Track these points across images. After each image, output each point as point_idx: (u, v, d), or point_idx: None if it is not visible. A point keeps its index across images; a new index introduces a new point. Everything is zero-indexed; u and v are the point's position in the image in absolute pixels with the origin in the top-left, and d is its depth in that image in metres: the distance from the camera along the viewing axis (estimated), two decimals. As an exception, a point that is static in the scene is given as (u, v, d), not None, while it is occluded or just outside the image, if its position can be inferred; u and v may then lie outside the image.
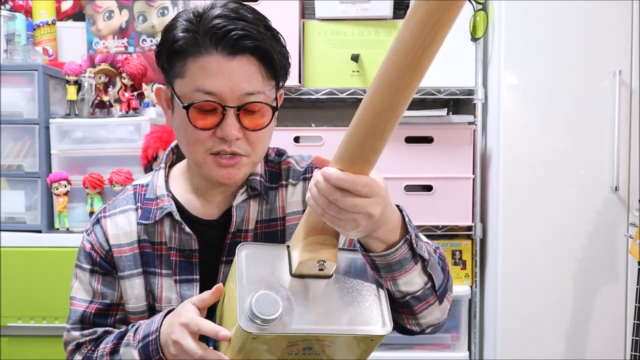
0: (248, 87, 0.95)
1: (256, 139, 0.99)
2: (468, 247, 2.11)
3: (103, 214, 1.10)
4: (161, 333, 0.95)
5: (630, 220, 1.90)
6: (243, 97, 0.95)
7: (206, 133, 0.96)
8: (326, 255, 0.83)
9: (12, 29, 2.24)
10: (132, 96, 2.10)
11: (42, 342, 1.98)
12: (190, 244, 1.04)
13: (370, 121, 0.72)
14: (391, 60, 0.69)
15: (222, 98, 0.94)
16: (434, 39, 0.66)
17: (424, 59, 0.67)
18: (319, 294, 0.84)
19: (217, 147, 0.97)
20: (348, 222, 0.78)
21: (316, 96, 2.04)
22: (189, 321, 0.90)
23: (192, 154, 1.00)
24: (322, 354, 0.84)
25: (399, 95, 0.70)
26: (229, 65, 0.94)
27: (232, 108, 0.95)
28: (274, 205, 1.07)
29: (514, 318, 1.95)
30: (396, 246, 0.84)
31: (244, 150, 0.98)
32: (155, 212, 1.05)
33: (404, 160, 2.03)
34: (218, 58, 0.94)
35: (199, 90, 0.94)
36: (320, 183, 0.77)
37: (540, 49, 1.91)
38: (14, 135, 2.06)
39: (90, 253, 1.08)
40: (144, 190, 1.09)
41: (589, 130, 1.91)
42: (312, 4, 2.10)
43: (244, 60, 0.94)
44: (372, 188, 0.76)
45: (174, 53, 0.96)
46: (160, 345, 0.94)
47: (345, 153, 0.75)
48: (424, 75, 0.69)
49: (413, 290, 0.88)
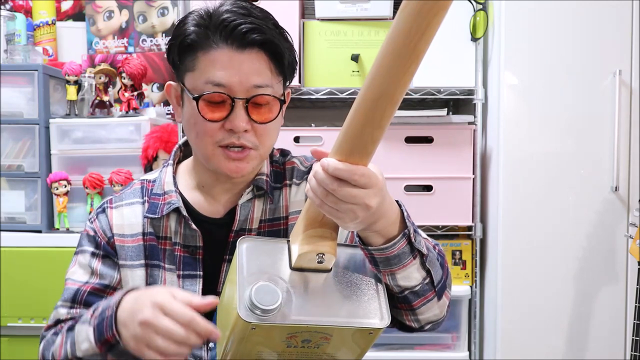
0: (257, 79, 0.97)
1: (264, 132, 1.00)
2: (468, 247, 2.11)
3: (109, 205, 1.10)
4: (121, 308, 0.89)
5: (630, 220, 1.90)
6: (252, 89, 0.97)
7: (215, 125, 0.98)
8: (325, 248, 0.84)
9: (12, 29, 2.24)
10: (132, 96, 2.10)
11: (42, 342, 1.98)
12: (195, 240, 1.04)
13: (368, 109, 0.73)
14: (388, 47, 0.69)
15: (231, 90, 0.96)
16: (429, 24, 0.66)
17: (420, 45, 0.68)
18: (319, 287, 0.85)
19: (225, 140, 0.98)
20: (346, 213, 0.78)
21: (316, 96, 2.05)
22: (164, 301, 0.83)
23: (200, 147, 1.01)
24: (320, 347, 0.84)
25: (396, 81, 0.70)
26: (238, 58, 0.96)
27: (240, 100, 0.97)
28: (277, 204, 1.08)
29: (514, 318, 1.95)
30: (394, 240, 0.84)
31: (252, 143, 0.99)
32: (162, 207, 1.05)
33: (404, 160, 2.03)
34: (228, 51, 0.96)
35: (208, 82, 0.97)
36: (318, 173, 0.78)
37: (540, 49, 1.91)
38: (14, 135, 2.06)
39: (93, 236, 1.08)
40: (152, 185, 1.10)
41: (589, 130, 1.91)
42: (312, 4, 2.10)
43: (253, 53, 0.97)
44: (370, 178, 0.76)
45: (185, 47, 0.99)
46: (115, 322, 0.88)
47: (344, 143, 0.76)
48: (420, 62, 0.70)
49: (411, 285, 0.89)
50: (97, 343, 0.90)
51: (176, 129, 2.05)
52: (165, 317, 0.82)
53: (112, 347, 0.89)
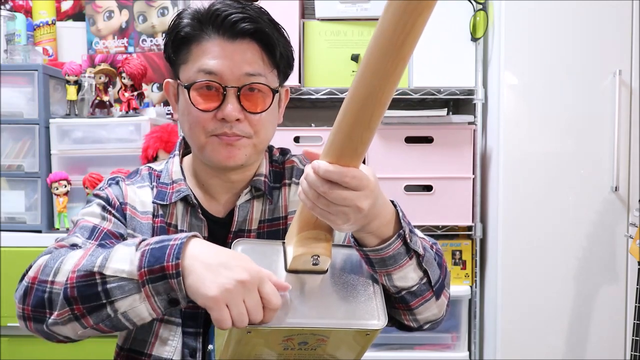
0: (248, 68, 0.98)
1: (258, 122, 1.00)
2: (468, 247, 2.11)
3: (122, 179, 1.09)
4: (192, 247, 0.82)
5: (630, 220, 1.90)
6: (243, 77, 0.97)
7: (207, 115, 0.98)
8: (320, 250, 0.83)
9: (12, 29, 2.24)
10: (132, 96, 2.10)
11: (42, 342, 1.96)
12: (201, 230, 1.04)
13: (356, 110, 0.72)
14: (374, 47, 0.68)
15: (223, 78, 0.97)
16: (414, 24, 0.65)
17: (405, 45, 0.67)
18: (314, 289, 0.84)
19: (218, 130, 0.99)
20: (338, 215, 0.77)
21: (316, 96, 2.05)
22: (265, 278, 0.79)
23: (193, 138, 1.01)
24: (317, 349, 0.84)
25: (384, 82, 0.69)
26: (229, 47, 0.97)
27: (232, 88, 0.97)
28: (277, 204, 1.08)
29: (514, 318, 1.95)
30: (389, 241, 0.84)
31: (246, 132, 1.00)
32: (171, 195, 1.05)
33: (404, 160, 2.02)
34: (220, 41, 0.98)
35: (200, 70, 0.98)
36: (309, 176, 0.77)
37: (540, 49, 1.91)
38: (14, 135, 2.06)
39: (106, 198, 1.04)
40: (158, 174, 1.10)
41: (589, 130, 1.91)
42: (312, 4, 2.10)
43: (245, 43, 0.98)
44: (361, 180, 0.76)
45: (179, 40, 1.00)
46: (181, 254, 0.80)
47: (334, 145, 0.75)
48: (407, 61, 0.69)
49: (408, 286, 0.88)
50: (143, 268, 0.80)
51: (176, 129, 2.05)
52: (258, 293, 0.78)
53: (156, 279, 0.80)
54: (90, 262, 0.83)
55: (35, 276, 0.87)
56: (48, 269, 0.86)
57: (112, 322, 0.82)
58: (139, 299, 0.81)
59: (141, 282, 0.80)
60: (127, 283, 0.81)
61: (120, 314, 0.81)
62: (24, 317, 0.88)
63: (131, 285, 0.80)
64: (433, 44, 2.01)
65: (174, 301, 0.82)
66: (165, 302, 0.81)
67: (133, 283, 0.80)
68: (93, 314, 0.82)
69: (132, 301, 0.81)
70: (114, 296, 0.81)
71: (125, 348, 1.05)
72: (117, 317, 0.82)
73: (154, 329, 1.02)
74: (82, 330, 0.84)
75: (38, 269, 0.87)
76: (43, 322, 0.86)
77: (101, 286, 0.81)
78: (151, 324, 1.02)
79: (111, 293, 0.81)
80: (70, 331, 0.85)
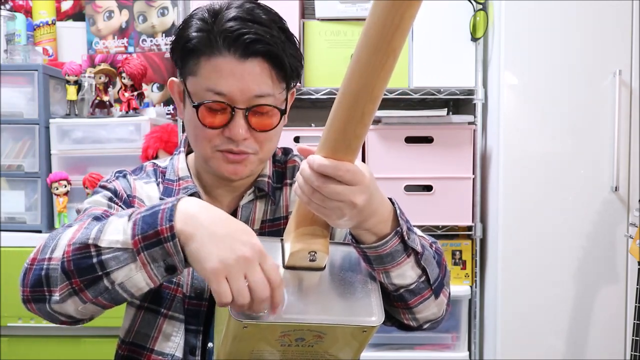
0: (258, 89, 0.96)
1: (264, 139, 1.00)
2: (468, 247, 2.11)
3: (130, 173, 1.08)
4: (185, 207, 0.80)
5: (630, 220, 1.90)
6: (252, 99, 0.96)
7: (214, 131, 0.98)
8: (317, 246, 0.83)
9: (12, 29, 2.24)
10: (132, 96, 2.10)
11: (42, 342, 1.98)
12: None
13: (349, 105, 0.72)
14: (364, 42, 0.68)
15: (232, 99, 0.96)
16: (402, 18, 0.65)
17: (395, 38, 0.67)
18: (312, 285, 0.84)
19: (224, 146, 0.98)
20: (333, 210, 0.77)
21: (316, 96, 2.05)
22: (266, 255, 0.78)
23: (199, 149, 1.02)
24: (315, 346, 0.84)
25: (375, 76, 0.69)
26: (240, 67, 0.95)
27: (241, 110, 0.96)
28: (278, 204, 1.09)
29: (514, 318, 1.95)
30: (386, 238, 0.84)
31: (252, 149, 0.99)
32: (178, 192, 1.05)
33: (404, 160, 2.02)
34: (230, 60, 0.95)
35: (209, 90, 0.96)
36: (304, 170, 0.77)
37: (540, 49, 1.91)
38: (14, 135, 2.06)
39: (113, 189, 1.03)
40: (163, 170, 1.10)
41: (589, 130, 1.91)
42: (312, 4, 2.10)
43: (255, 63, 0.95)
44: (355, 174, 0.76)
45: (188, 51, 0.98)
46: (173, 216, 0.79)
47: (328, 140, 0.76)
48: (398, 56, 0.69)
49: (406, 284, 0.88)
50: (137, 236, 0.79)
51: (176, 129, 2.05)
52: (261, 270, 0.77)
53: (151, 245, 0.79)
54: (85, 235, 0.82)
55: (34, 257, 0.86)
56: (46, 248, 0.86)
57: (110, 295, 0.81)
58: (135, 268, 0.79)
59: (136, 251, 0.79)
60: (122, 253, 0.79)
61: (117, 285, 0.80)
62: (25, 300, 0.87)
63: (126, 255, 0.79)
64: (433, 44, 2.01)
65: (171, 268, 0.80)
66: (162, 269, 0.80)
67: (128, 252, 0.79)
68: (90, 288, 0.81)
69: (128, 271, 0.80)
70: (110, 267, 0.80)
71: (127, 341, 1.04)
72: (115, 288, 0.81)
73: (158, 324, 1.02)
74: (83, 306, 0.83)
75: (37, 250, 0.87)
76: (43, 301, 0.85)
77: (96, 258, 0.80)
78: (155, 319, 1.02)
79: (106, 264, 0.80)
80: (72, 307, 0.84)
